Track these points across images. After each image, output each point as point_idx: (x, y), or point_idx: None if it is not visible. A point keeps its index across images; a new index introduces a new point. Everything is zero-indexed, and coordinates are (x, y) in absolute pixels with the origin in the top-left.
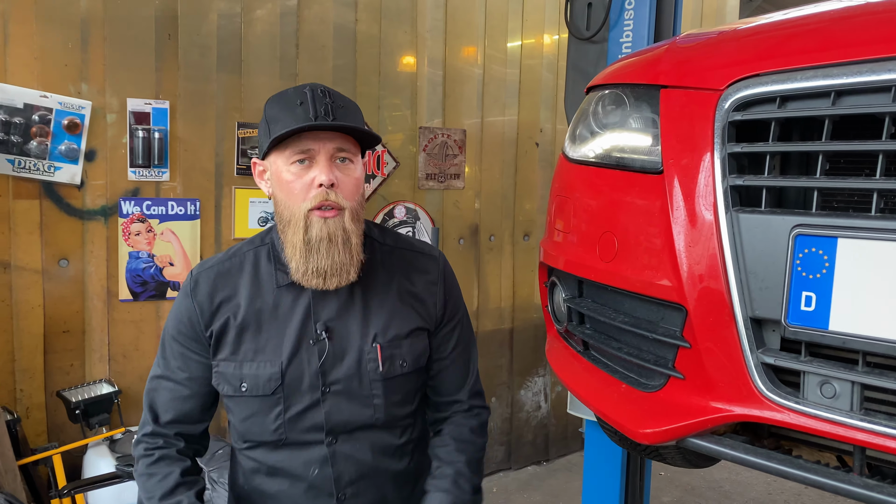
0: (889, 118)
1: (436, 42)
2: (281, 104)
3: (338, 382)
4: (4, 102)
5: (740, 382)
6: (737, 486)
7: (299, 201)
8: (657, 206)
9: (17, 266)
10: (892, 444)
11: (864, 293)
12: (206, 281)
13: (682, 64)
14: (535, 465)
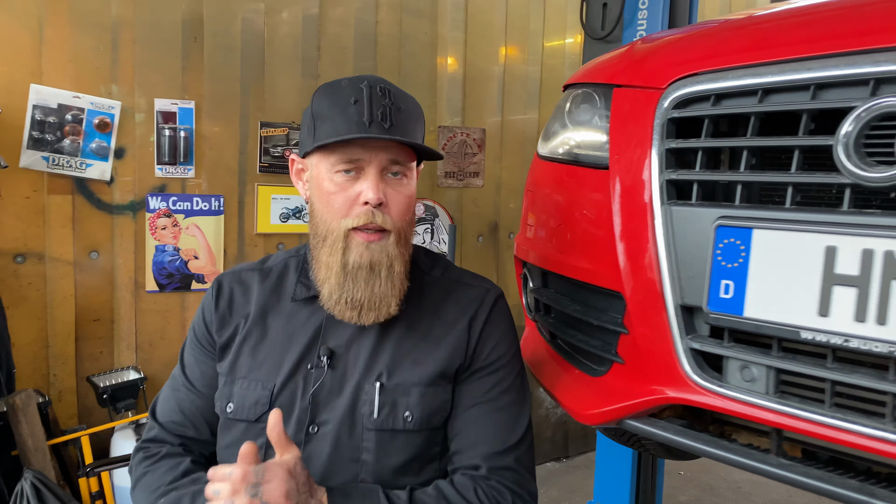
0: (806, 115)
1: (456, 42)
2: (332, 99)
3: (327, 423)
4: (39, 103)
5: (671, 367)
6: (757, 488)
7: (339, 217)
8: (603, 199)
9: (50, 257)
10: (803, 426)
11: (774, 281)
12: (227, 284)
13: (633, 64)
14: (554, 461)
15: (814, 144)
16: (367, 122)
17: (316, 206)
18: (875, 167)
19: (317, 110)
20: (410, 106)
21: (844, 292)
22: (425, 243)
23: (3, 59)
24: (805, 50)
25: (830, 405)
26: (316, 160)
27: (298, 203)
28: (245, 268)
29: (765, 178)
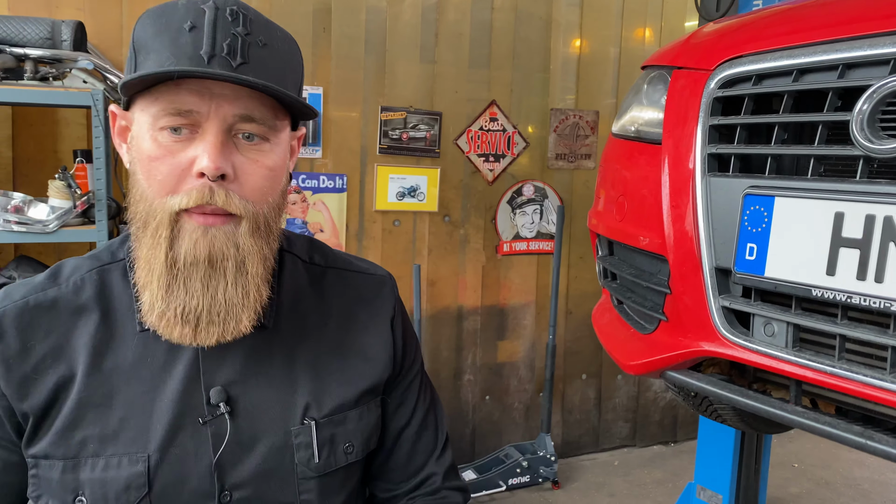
0: (832, 93)
1: (571, 26)
2: (160, 23)
3: (245, 485)
4: None
5: (706, 323)
6: (877, 486)
7: (164, 192)
8: (655, 172)
9: None
10: (816, 377)
11: (791, 244)
12: (13, 323)
13: (690, 47)
14: (661, 444)
15: (835, 120)
16: (206, 55)
17: (137, 176)
18: (884, 140)
19: (139, 39)
20: (279, 42)
21: (849, 253)
22: (534, 224)
23: None
24: (834, 33)
25: (839, 358)
26: (137, 113)
27: (414, 182)
28: (33, 288)
29: (791, 151)
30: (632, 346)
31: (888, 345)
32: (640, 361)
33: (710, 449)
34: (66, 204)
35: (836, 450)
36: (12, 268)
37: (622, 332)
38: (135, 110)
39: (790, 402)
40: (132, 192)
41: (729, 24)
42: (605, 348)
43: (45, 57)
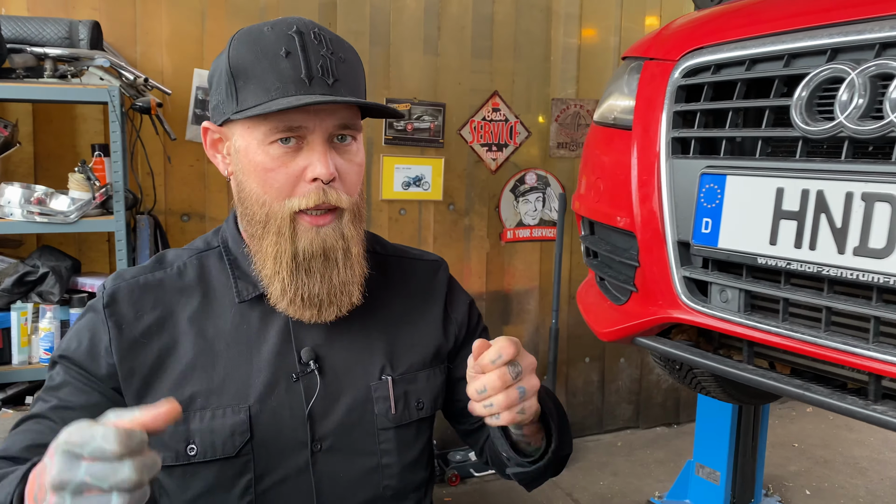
0: (778, 80)
1: (571, 17)
2: (255, 50)
3: (332, 435)
4: (201, 85)
5: (669, 292)
6: (875, 464)
7: (282, 197)
8: (626, 155)
9: (209, 217)
10: (764, 338)
11: (740, 217)
12: (126, 297)
13: (660, 40)
14: (664, 426)
15: (779, 105)
16: (307, 78)
17: (247, 185)
18: (819, 122)
19: (236, 65)
20: (350, 54)
21: (788, 224)
22: (537, 211)
23: (174, 49)
24: (781, 26)
25: (783, 319)
26: (241, 129)
27: (419, 172)
28: (141, 272)
29: (741, 134)
30: (607, 315)
31: (822, 306)
32: (612, 329)
33: (708, 428)
34: (85, 195)
35: (836, 430)
36: (35, 257)
37: (601, 305)
38: (235, 126)
39: (743, 362)
40: (242, 197)
41: (695, 18)
42: (586, 320)
43: (63, 56)
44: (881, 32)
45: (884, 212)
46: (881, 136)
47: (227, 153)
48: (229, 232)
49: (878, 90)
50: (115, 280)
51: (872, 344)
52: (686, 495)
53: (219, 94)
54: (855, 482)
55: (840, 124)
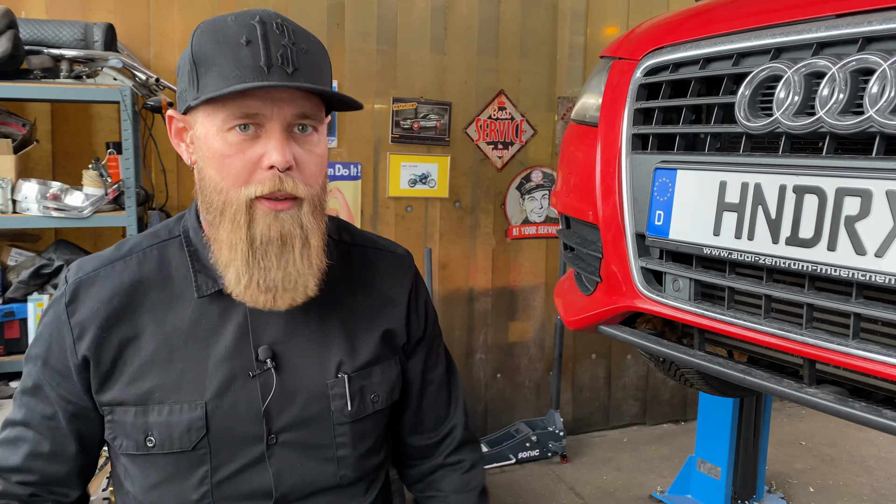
0: (727, 78)
1: (577, 16)
2: (217, 39)
3: (288, 429)
4: None
5: (629, 282)
6: (882, 464)
7: (238, 184)
8: (593, 152)
9: None
10: (712, 325)
11: (688, 209)
12: (89, 291)
13: (628, 40)
14: (671, 423)
15: (725, 102)
16: (265, 66)
17: (206, 172)
18: (760, 118)
19: (198, 53)
20: (315, 47)
21: (729, 216)
22: (543, 209)
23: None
24: (731, 26)
25: (728, 307)
26: (202, 116)
27: (425, 170)
28: (101, 262)
29: (692, 130)
30: (576, 305)
31: (761, 293)
32: (578, 317)
33: (709, 423)
34: (98, 192)
35: (844, 429)
36: (52, 250)
37: (573, 296)
38: (197, 114)
39: (694, 348)
40: (202, 185)
41: (659, 20)
42: (558, 310)
43: (78, 57)
44: (817, 33)
45: (812, 203)
46: (813, 132)
47: (189, 141)
48: (190, 222)
49: (812, 88)
50: (76, 273)
51: (806, 330)
52: (688, 490)
53: (182, 83)
54: (860, 480)
55: (776, 120)
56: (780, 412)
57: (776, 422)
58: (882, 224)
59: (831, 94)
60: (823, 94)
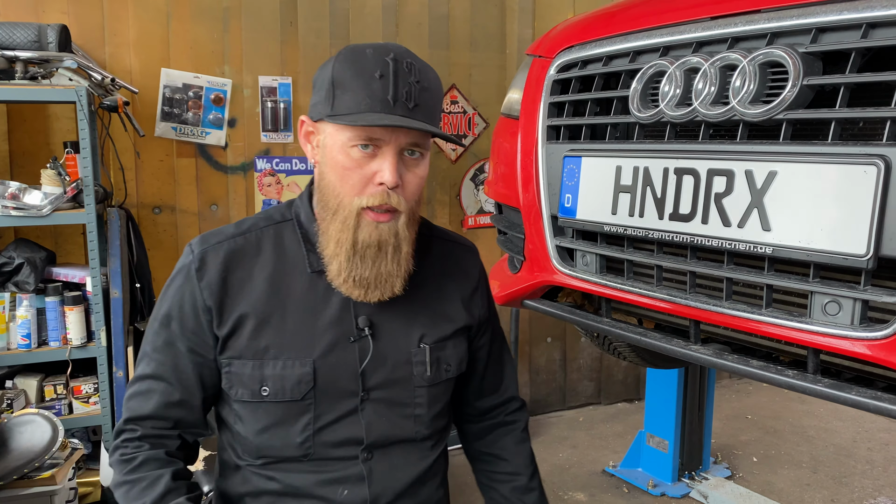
0: (625, 74)
1: (524, 11)
2: (355, 69)
3: (378, 388)
4: (169, 83)
5: (546, 259)
6: (822, 433)
7: (353, 194)
8: (515, 142)
9: (180, 209)
10: (616, 294)
11: (592, 192)
12: (214, 260)
13: (546, 39)
14: (625, 402)
15: (622, 95)
16: (392, 100)
17: (328, 175)
18: (650, 109)
19: (338, 77)
20: (433, 84)
21: (624, 197)
22: None
23: (141, 50)
24: (630, 27)
25: (627, 277)
26: (331, 129)
27: None
28: (224, 237)
29: (595, 121)
30: (506, 283)
31: (653, 264)
32: (505, 293)
33: (657, 400)
34: (57, 190)
35: (788, 402)
36: (11, 249)
37: (504, 275)
38: (327, 126)
39: (602, 316)
40: (322, 184)
41: (574, 20)
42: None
43: (33, 58)
44: (694, 33)
45: (689, 183)
46: (690, 121)
47: (316, 145)
48: (303, 209)
49: (690, 82)
50: (201, 244)
51: (690, 294)
52: (638, 464)
53: (319, 96)
54: (801, 449)
55: (661, 111)
56: (728, 389)
57: (725, 397)
58: (742, 199)
59: (704, 87)
60: (698, 87)
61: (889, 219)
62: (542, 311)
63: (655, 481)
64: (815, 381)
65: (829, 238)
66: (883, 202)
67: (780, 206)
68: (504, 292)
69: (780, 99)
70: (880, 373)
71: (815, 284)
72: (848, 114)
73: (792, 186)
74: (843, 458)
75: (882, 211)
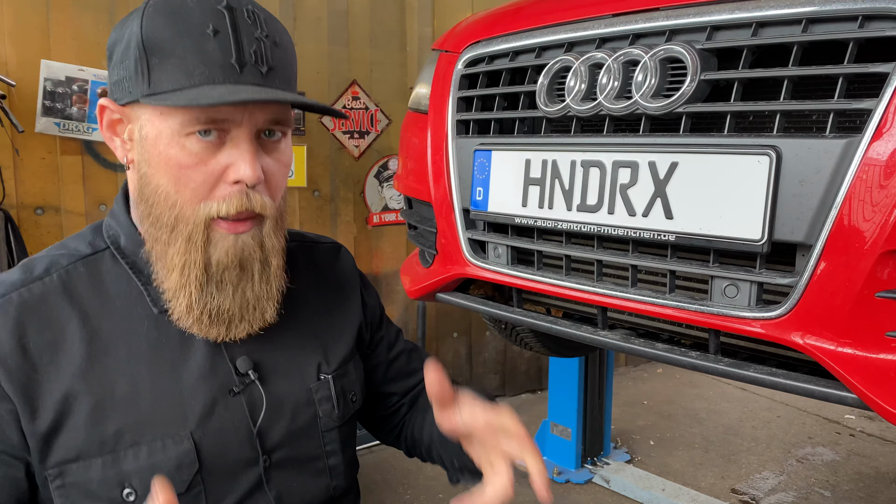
0: (531, 69)
1: (423, 8)
2: (177, 24)
3: (281, 447)
4: (50, 76)
5: (458, 252)
6: (711, 415)
7: (197, 200)
8: (424, 136)
9: (65, 210)
10: (526, 284)
11: (502, 185)
12: (3, 324)
13: (453, 34)
14: (528, 392)
15: (529, 90)
16: (237, 64)
17: (155, 180)
18: (556, 103)
19: (151, 38)
20: (285, 37)
21: (534, 189)
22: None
23: (17, 40)
24: (535, 23)
25: (538, 267)
26: (151, 114)
27: None
28: (11, 288)
29: (504, 115)
30: (418, 278)
31: (561, 254)
32: (418, 287)
33: (559, 389)
34: None
35: (681, 387)
36: None
37: (416, 270)
38: (143, 109)
39: (513, 306)
40: (147, 193)
41: (481, 15)
42: (403, 285)
43: None
44: (598, 30)
45: (596, 175)
46: (595, 115)
47: (128, 138)
48: (122, 229)
49: (595, 77)
50: None
51: (597, 282)
52: (544, 452)
53: (124, 69)
54: (693, 431)
55: (567, 105)
56: (625, 376)
57: (623, 385)
58: (646, 189)
59: (608, 81)
60: (602, 81)
61: (781, 205)
62: (454, 304)
63: (560, 469)
64: (716, 360)
65: (727, 225)
66: (775, 190)
67: (681, 195)
68: (416, 287)
69: (680, 93)
70: (773, 351)
71: (715, 269)
72: (741, 107)
73: (692, 176)
74: (731, 437)
75: (774, 198)
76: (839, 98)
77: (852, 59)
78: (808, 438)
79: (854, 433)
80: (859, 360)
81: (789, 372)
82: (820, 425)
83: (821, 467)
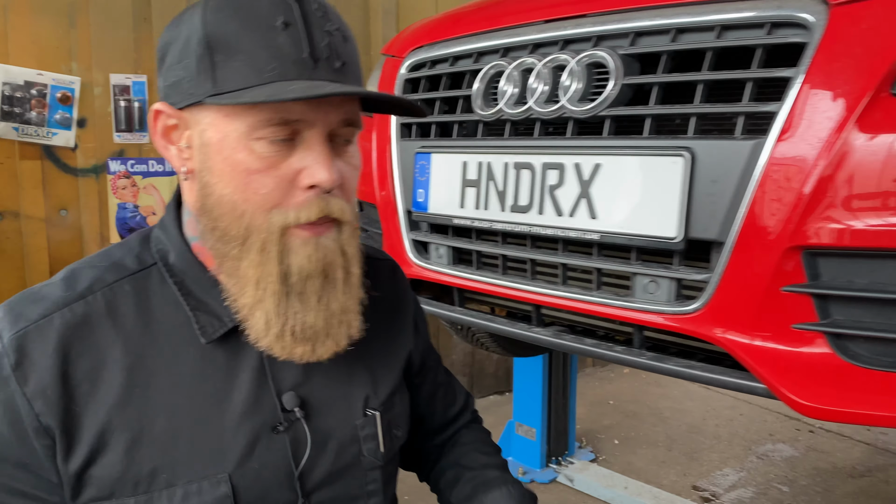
0: (468, 74)
1: (388, 12)
2: (243, 17)
3: (320, 487)
4: (8, 80)
5: (402, 253)
6: (675, 413)
7: (268, 207)
8: (369, 140)
9: (25, 215)
10: (467, 283)
11: (441, 187)
12: (42, 347)
13: (398, 39)
14: (496, 394)
15: (466, 94)
16: (311, 59)
17: (218, 190)
18: (491, 107)
19: (216, 34)
20: (350, 32)
21: (471, 191)
22: None
23: None
24: (474, 28)
25: (477, 267)
26: (215, 117)
27: None
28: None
29: (443, 119)
30: None
31: (497, 254)
32: None
33: (523, 390)
34: None
35: (646, 386)
36: None
37: None
38: (206, 112)
39: (455, 305)
40: (210, 205)
41: (426, 21)
42: None
43: None
44: (530, 35)
45: (527, 176)
46: (526, 118)
47: (186, 145)
48: (172, 244)
49: (526, 82)
50: (14, 323)
51: (532, 281)
52: (509, 453)
53: (183, 69)
54: (657, 430)
55: (501, 109)
56: (591, 377)
57: (589, 385)
58: (572, 190)
59: (538, 86)
60: (533, 86)
61: (695, 204)
62: None
63: (525, 468)
64: (640, 354)
65: (647, 223)
66: (690, 189)
67: (604, 195)
68: None
69: (604, 97)
70: (698, 346)
71: (637, 266)
72: (659, 110)
73: (614, 177)
74: (694, 436)
75: (690, 197)
76: (748, 101)
77: (760, 64)
78: (769, 435)
79: (813, 429)
80: (768, 352)
81: (706, 364)
82: (781, 422)
83: (780, 463)
